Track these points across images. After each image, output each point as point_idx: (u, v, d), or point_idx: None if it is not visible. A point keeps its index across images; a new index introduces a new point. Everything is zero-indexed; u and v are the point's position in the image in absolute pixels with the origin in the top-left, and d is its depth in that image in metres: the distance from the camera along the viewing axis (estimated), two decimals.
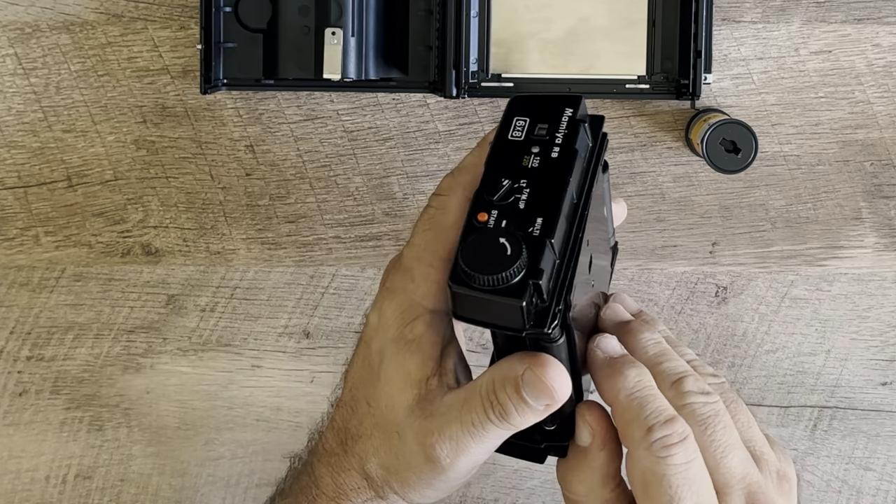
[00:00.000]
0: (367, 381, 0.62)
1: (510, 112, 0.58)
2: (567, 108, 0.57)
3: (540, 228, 0.55)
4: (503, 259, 0.53)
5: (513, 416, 0.59)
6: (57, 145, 0.77)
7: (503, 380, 0.59)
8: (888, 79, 0.77)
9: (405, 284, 0.60)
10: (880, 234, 0.77)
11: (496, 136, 0.58)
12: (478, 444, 0.59)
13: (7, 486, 0.79)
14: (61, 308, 0.79)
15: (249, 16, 0.74)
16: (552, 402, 0.58)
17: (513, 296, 0.53)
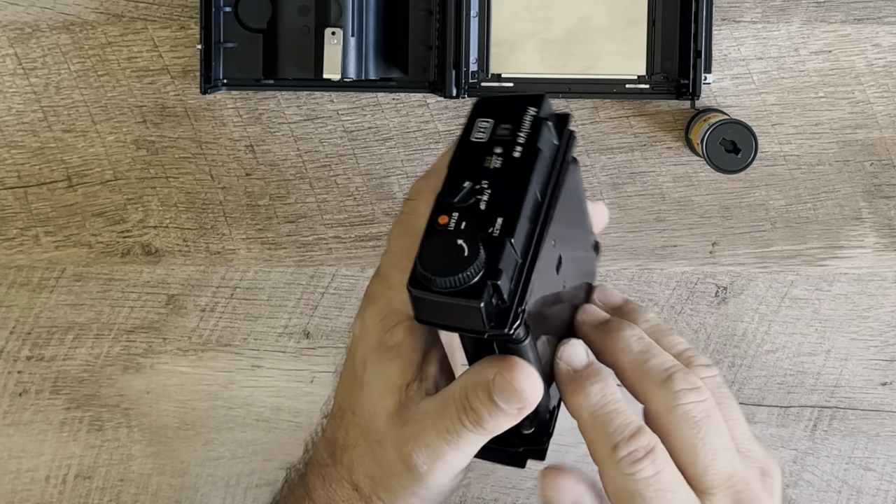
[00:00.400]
0: (351, 390, 0.62)
1: (474, 114, 0.57)
2: (530, 108, 0.57)
3: (500, 228, 0.54)
4: (460, 260, 0.53)
5: (486, 421, 0.58)
6: (57, 145, 0.78)
7: (475, 385, 0.58)
8: (888, 79, 0.77)
9: (384, 291, 0.60)
10: (880, 234, 0.77)
11: (459, 138, 0.57)
12: (454, 450, 0.58)
13: (7, 486, 0.79)
14: (61, 308, 0.79)
15: (249, 16, 0.74)
16: (524, 406, 0.58)
17: (471, 297, 0.52)
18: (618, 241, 0.78)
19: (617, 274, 0.78)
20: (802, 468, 0.79)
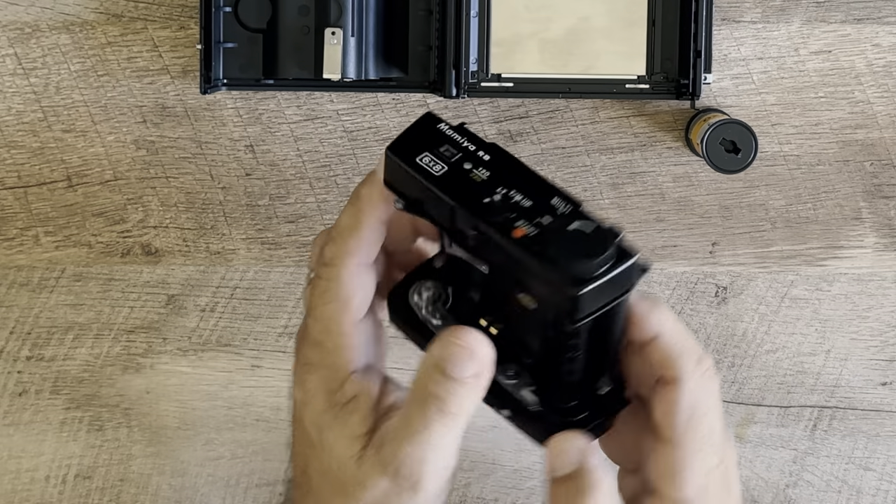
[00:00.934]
0: (311, 456, 0.62)
1: (403, 160, 0.57)
2: (437, 124, 0.58)
3: (564, 206, 0.55)
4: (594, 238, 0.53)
5: (449, 402, 0.58)
6: (57, 145, 0.78)
7: (426, 371, 0.58)
8: (888, 79, 0.77)
9: (322, 358, 0.61)
10: (880, 234, 0.78)
11: (427, 180, 0.57)
12: (431, 449, 0.58)
13: (7, 486, 0.79)
14: (61, 308, 0.79)
15: (249, 16, 0.74)
16: (479, 369, 0.58)
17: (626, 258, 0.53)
18: None
19: None
20: (802, 468, 0.79)
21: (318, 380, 0.61)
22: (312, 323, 0.62)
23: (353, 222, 0.61)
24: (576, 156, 0.77)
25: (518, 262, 0.54)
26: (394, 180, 0.58)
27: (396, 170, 0.57)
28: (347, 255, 0.61)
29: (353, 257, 0.61)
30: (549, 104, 0.76)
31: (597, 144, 0.77)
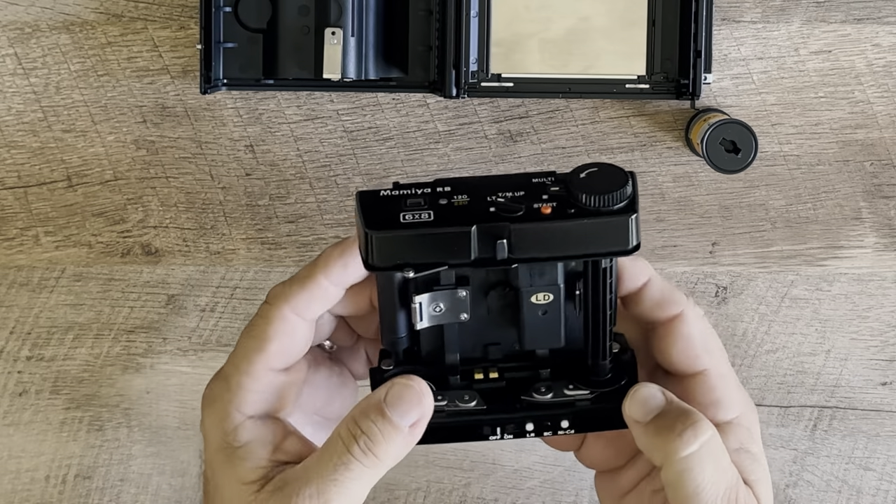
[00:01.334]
0: (208, 493, 0.61)
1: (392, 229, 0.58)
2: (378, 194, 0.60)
3: (549, 180, 0.60)
4: (615, 178, 0.59)
5: (379, 443, 0.57)
6: (57, 145, 0.78)
7: (365, 409, 0.58)
8: (888, 79, 0.77)
9: (222, 394, 0.60)
10: (880, 234, 0.78)
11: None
12: (340, 492, 0.57)
13: (7, 486, 0.79)
14: (61, 308, 0.79)
15: (249, 16, 0.74)
16: (420, 417, 0.58)
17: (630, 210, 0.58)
18: None
19: None
20: (802, 468, 0.79)
21: (214, 416, 0.61)
22: (230, 357, 0.62)
23: (305, 274, 0.61)
24: (576, 156, 0.77)
25: (567, 233, 0.58)
26: (391, 255, 0.58)
27: (390, 243, 0.58)
28: (285, 300, 0.61)
29: (290, 305, 0.61)
30: (549, 104, 0.76)
31: (597, 144, 0.77)
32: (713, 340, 0.63)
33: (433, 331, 0.62)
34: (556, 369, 0.63)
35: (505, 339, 0.63)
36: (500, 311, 0.62)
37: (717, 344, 0.63)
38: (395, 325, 0.62)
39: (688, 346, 0.62)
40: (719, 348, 0.63)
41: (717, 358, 0.63)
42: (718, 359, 0.63)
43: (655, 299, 0.63)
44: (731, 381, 0.63)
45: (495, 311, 0.62)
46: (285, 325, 0.61)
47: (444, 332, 0.62)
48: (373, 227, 0.59)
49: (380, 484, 0.78)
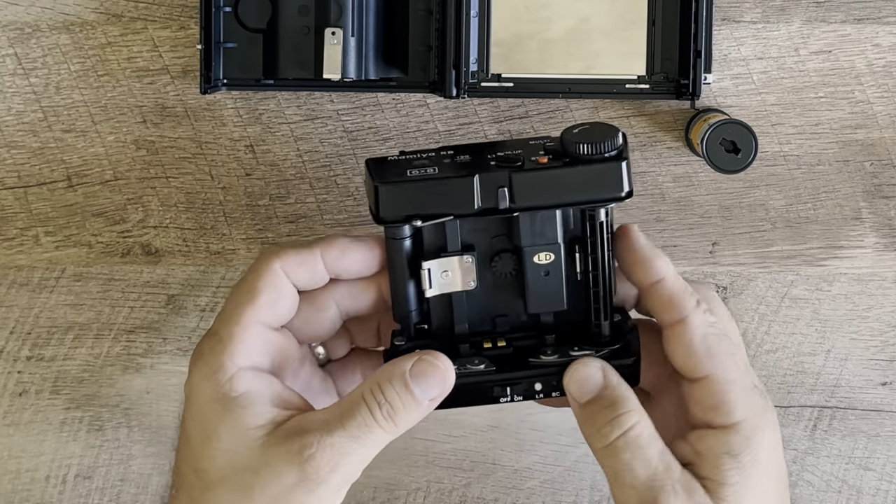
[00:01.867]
0: (192, 453, 0.61)
1: (400, 181, 0.64)
2: (386, 158, 0.66)
3: (545, 140, 0.66)
4: (605, 132, 0.64)
5: (399, 413, 0.60)
6: (57, 145, 0.78)
7: (390, 377, 0.59)
8: (888, 79, 0.77)
9: (212, 346, 0.61)
10: (880, 234, 0.78)
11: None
12: (357, 451, 0.59)
13: (7, 486, 0.79)
14: (61, 308, 0.79)
15: (249, 16, 0.74)
16: (441, 393, 0.61)
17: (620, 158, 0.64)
18: None
19: None
20: (802, 468, 0.79)
21: (207, 369, 0.61)
22: (219, 314, 0.63)
23: (302, 243, 0.64)
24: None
25: (563, 179, 0.63)
26: (399, 207, 0.63)
27: (397, 194, 0.63)
28: (276, 256, 0.63)
29: (281, 261, 0.63)
30: (549, 104, 0.76)
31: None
32: (719, 345, 0.63)
33: (442, 302, 0.65)
34: (560, 336, 0.66)
35: (511, 310, 0.66)
36: (505, 280, 0.66)
37: (724, 348, 0.63)
38: (406, 295, 0.65)
39: (688, 352, 0.63)
40: (728, 353, 0.63)
41: (722, 363, 0.63)
42: (723, 364, 0.63)
43: (663, 301, 0.64)
44: (737, 387, 0.63)
45: (501, 279, 0.66)
46: (275, 279, 0.62)
47: (452, 302, 0.65)
48: (381, 181, 0.63)
49: (380, 484, 0.78)
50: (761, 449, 0.62)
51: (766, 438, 0.63)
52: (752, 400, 0.63)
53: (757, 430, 0.62)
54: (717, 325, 0.64)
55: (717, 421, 0.62)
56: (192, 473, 0.61)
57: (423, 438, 0.78)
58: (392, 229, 0.64)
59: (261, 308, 0.62)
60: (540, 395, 0.64)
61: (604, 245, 0.65)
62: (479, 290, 0.66)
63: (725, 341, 0.63)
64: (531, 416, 0.78)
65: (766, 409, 0.63)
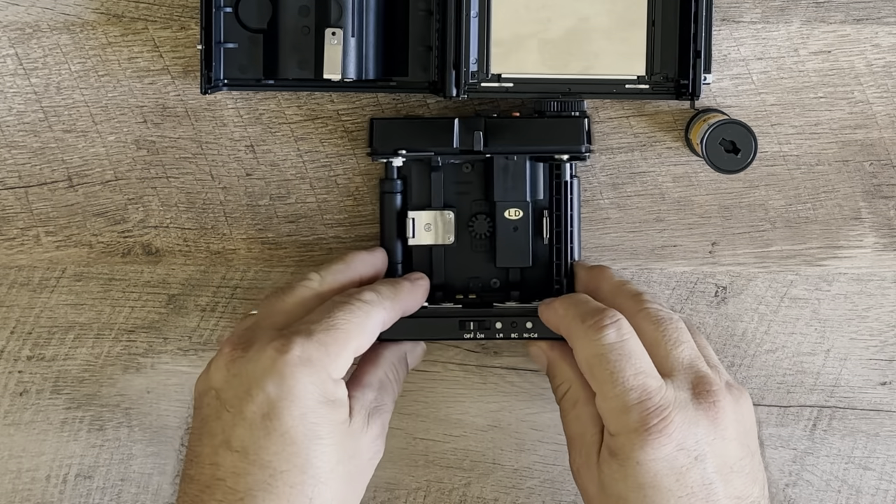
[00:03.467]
0: (297, 452, 0.66)
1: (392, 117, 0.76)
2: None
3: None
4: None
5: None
6: (57, 145, 0.78)
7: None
8: (887, 79, 0.77)
9: (321, 357, 0.66)
10: (880, 234, 0.78)
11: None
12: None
13: (8, 485, 0.79)
14: (62, 308, 0.79)
15: (249, 16, 0.74)
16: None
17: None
18: (617, 241, 0.78)
19: (617, 274, 0.78)
20: (802, 468, 0.79)
21: (316, 377, 0.67)
22: (324, 323, 0.67)
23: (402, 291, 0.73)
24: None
25: (531, 127, 0.73)
26: (389, 141, 0.74)
27: (388, 129, 0.74)
28: (382, 309, 0.70)
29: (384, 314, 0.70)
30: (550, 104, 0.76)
31: (597, 144, 0.77)
32: (599, 366, 0.67)
33: (424, 257, 0.75)
34: (525, 293, 0.76)
35: (483, 272, 0.76)
36: (480, 242, 0.75)
37: (602, 370, 0.67)
38: (394, 247, 0.75)
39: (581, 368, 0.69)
40: (607, 374, 0.67)
41: (600, 387, 0.67)
42: (601, 387, 0.67)
43: (558, 327, 0.71)
44: (609, 406, 0.67)
45: (476, 241, 0.75)
46: (378, 328, 0.70)
47: (432, 255, 0.75)
48: (377, 119, 0.74)
49: (380, 483, 0.78)
50: (634, 462, 0.66)
51: (637, 455, 0.66)
52: (622, 421, 0.66)
53: (625, 446, 0.66)
54: (602, 340, 0.67)
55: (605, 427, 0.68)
56: (297, 472, 0.65)
57: (424, 438, 0.79)
58: (385, 183, 0.75)
59: (363, 346, 0.69)
60: (500, 335, 0.73)
61: (567, 204, 0.74)
62: (456, 248, 0.75)
63: (604, 361, 0.67)
64: (531, 416, 0.79)
65: (640, 428, 0.66)
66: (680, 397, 0.66)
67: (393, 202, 0.75)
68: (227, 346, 0.68)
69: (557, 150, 0.73)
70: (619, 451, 0.66)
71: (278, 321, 0.69)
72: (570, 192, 0.74)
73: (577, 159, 0.74)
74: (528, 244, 0.75)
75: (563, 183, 0.74)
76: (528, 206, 0.74)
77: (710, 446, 0.66)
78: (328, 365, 0.66)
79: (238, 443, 0.65)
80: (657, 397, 0.66)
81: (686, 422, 0.66)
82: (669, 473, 0.66)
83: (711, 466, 0.66)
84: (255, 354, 0.66)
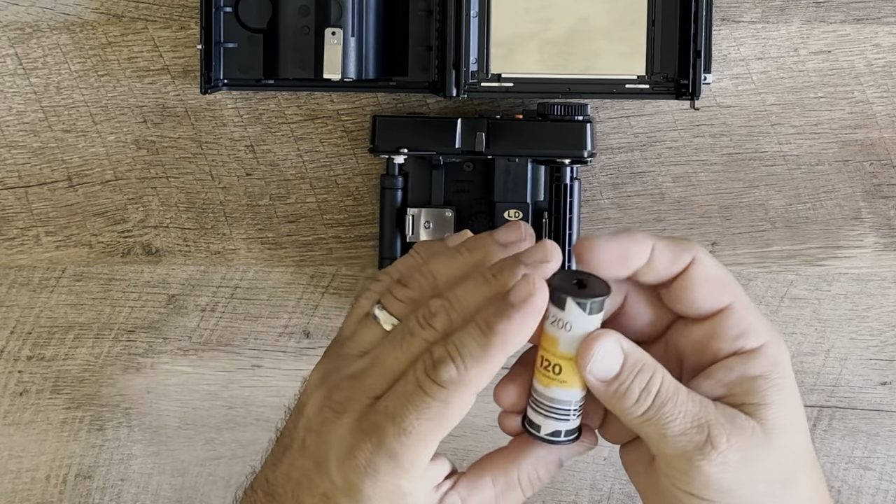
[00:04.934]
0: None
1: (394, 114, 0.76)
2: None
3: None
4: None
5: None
6: (57, 145, 0.78)
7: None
8: (888, 79, 0.77)
9: (391, 470, 0.59)
10: (880, 234, 0.78)
11: None
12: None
13: (7, 485, 0.79)
14: (62, 308, 0.79)
15: (249, 16, 0.74)
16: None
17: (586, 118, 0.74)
18: None
19: None
20: None
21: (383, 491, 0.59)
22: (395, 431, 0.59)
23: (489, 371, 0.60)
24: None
25: (534, 131, 0.73)
26: (392, 139, 0.74)
27: (391, 127, 0.74)
28: (474, 388, 0.59)
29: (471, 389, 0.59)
30: None
31: (597, 144, 0.77)
32: (728, 275, 0.63)
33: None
34: None
35: None
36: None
37: (732, 277, 0.63)
38: (393, 242, 0.75)
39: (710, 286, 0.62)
40: (735, 282, 0.63)
41: (738, 290, 0.63)
42: (739, 291, 0.63)
43: (666, 260, 0.62)
44: (754, 311, 0.63)
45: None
46: (465, 409, 0.60)
47: None
48: (379, 116, 0.74)
49: None
50: (787, 366, 0.62)
51: (786, 355, 0.63)
52: (767, 324, 0.63)
53: (780, 354, 0.62)
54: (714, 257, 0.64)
55: (746, 346, 0.62)
56: None
57: None
58: (386, 179, 0.74)
59: (448, 430, 0.60)
60: None
61: (566, 207, 0.74)
62: None
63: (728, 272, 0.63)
64: None
65: (775, 327, 0.64)
66: None
67: (393, 198, 0.75)
68: (323, 389, 0.61)
69: (560, 155, 0.74)
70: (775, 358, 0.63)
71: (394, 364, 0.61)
72: (571, 195, 0.74)
73: (578, 163, 0.74)
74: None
75: (563, 186, 0.74)
76: (527, 208, 0.74)
77: None
78: (399, 477, 0.59)
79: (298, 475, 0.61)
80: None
81: None
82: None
83: None
84: (336, 434, 0.60)
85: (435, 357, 0.58)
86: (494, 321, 0.58)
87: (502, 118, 0.74)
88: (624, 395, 0.60)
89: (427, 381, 0.58)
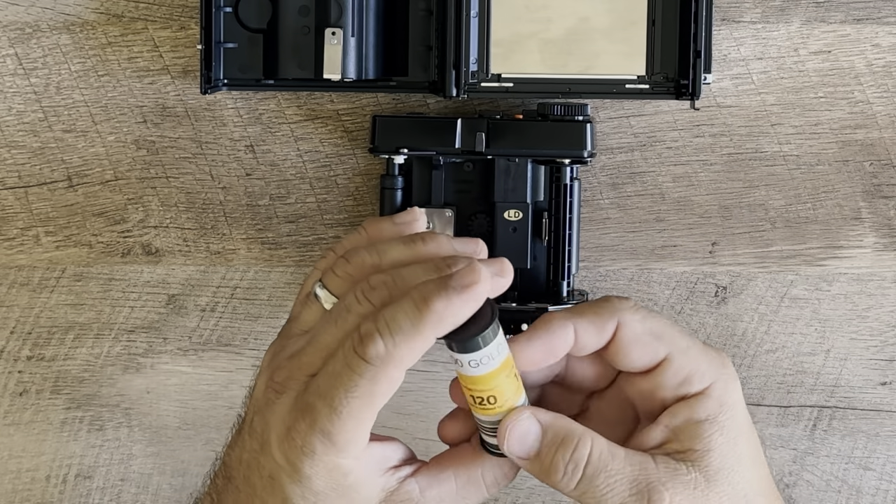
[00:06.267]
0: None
1: (393, 115, 0.75)
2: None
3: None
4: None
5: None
6: (57, 145, 0.78)
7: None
8: (888, 79, 0.77)
9: (326, 449, 0.57)
10: (880, 234, 0.78)
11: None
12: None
13: (7, 485, 0.79)
14: (62, 308, 0.79)
15: (249, 16, 0.74)
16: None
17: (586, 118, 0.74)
18: (617, 241, 0.78)
19: (616, 274, 0.78)
20: (802, 468, 0.79)
21: (323, 470, 0.58)
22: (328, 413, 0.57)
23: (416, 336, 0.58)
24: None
25: (534, 131, 0.73)
26: (391, 139, 0.74)
27: (391, 127, 0.74)
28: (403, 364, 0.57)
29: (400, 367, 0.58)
30: None
31: (597, 144, 0.77)
32: (660, 325, 0.62)
33: None
34: (522, 294, 0.75)
35: None
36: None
37: (665, 325, 0.63)
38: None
39: (641, 345, 0.62)
40: (669, 326, 0.63)
41: (672, 338, 0.62)
42: (673, 338, 0.62)
43: (591, 335, 0.62)
44: (695, 354, 0.62)
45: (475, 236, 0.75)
46: (396, 384, 0.58)
47: None
48: (379, 116, 0.74)
49: None
50: (734, 401, 0.62)
51: (733, 392, 0.63)
52: (710, 358, 0.63)
53: (727, 387, 0.62)
54: (644, 310, 0.63)
55: (691, 391, 0.62)
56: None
57: (423, 438, 0.78)
58: (386, 179, 0.74)
59: (381, 404, 0.58)
60: None
61: (566, 207, 0.74)
62: None
63: (661, 320, 0.63)
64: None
65: (723, 362, 0.63)
66: None
67: (393, 198, 0.75)
68: (269, 370, 0.60)
69: (560, 155, 0.74)
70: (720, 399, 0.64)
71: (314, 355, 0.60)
72: (570, 195, 0.74)
73: (578, 163, 0.74)
74: (527, 245, 0.75)
75: (563, 186, 0.74)
76: (527, 208, 0.74)
77: None
78: (336, 456, 0.58)
79: (248, 457, 0.61)
80: None
81: None
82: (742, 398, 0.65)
83: None
84: (277, 415, 0.59)
85: (362, 332, 0.57)
86: (432, 297, 0.56)
87: (502, 118, 0.74)
88: (549, 471, 0.60)
89: (354, 357, 0.57)
